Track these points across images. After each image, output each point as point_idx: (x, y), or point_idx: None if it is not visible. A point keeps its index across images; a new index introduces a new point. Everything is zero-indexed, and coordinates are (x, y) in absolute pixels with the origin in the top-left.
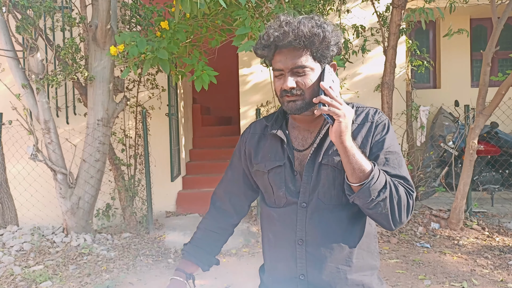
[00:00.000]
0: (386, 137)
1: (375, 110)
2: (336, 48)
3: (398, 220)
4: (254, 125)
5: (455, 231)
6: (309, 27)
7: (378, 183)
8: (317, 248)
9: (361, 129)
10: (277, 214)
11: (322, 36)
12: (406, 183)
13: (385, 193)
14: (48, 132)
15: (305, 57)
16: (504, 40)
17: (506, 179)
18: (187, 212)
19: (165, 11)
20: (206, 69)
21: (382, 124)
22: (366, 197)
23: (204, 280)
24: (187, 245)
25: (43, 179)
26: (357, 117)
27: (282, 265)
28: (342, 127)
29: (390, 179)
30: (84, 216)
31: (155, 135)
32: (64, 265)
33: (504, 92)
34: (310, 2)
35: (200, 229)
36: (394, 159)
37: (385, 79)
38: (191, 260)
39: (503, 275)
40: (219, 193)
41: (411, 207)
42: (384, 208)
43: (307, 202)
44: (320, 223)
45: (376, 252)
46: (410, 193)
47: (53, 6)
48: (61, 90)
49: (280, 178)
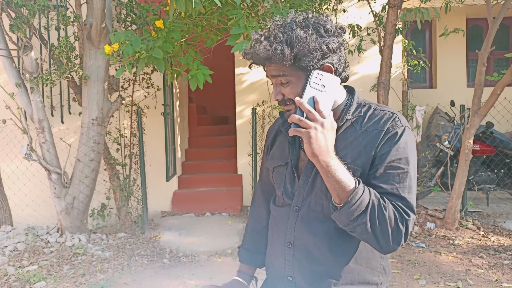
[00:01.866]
0: (392, 149)
1: (391, 116)
2: (318, 53)
3: (385, 246)
4: (276, 121)
5: (451, 231)
6: (264, 47)
7: (356, 207)
8: (303, 254)
9: (367, 137)
10: (275, 213)
11: (280, 54)
12: (403, 204)
13: (364, 218)
14: (42, 131)
15: (281, 69)
16: (499, 40)
17: (501, 179)
18: (182, 212)
19: (160, 10)
20: (201, 68)
21: (393, 134)
22: (343, 220)
23: (199, 280)
24: (240, 249)
25: (37, 179)
26: (367, 122)
27: (275, 263)
28: (311, 148)
29: (379, 200)
30: (78, 216)
31: (150, 135)
32: (59, 265)
33: (499, 92)
34: (306, 2)
35: (247, 232)
36: (395, 175)
37: (381, 79)
38: (246, 263)
39: (498, 275)
40: (257, 192)
41: (404, 233)
42: (365, 233)
43: (299, 207)
44: (308, 231)
45: (380, 268)
46: (404, 217)
47: (47, 5)
48: (56, 89)
49: (281, 178)
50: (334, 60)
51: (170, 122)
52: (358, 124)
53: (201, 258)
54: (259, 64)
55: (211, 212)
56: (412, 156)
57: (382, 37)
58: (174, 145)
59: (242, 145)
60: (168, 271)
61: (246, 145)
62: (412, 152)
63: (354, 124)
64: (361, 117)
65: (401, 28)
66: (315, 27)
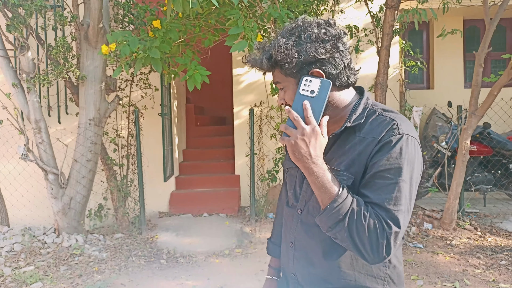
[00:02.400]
0: (383, 158)
1: (390, 122)
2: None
3: (368, 257)
4: None
5: (448, 231)
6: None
7: (335, 214)
8: (302, 255)
9: (362, 144)
10: (285, 212)
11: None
12: (387, 216)
13: (343, 225)
14: (39, 131)
15: (277, 75)
16: (496, 41)
17: (498, 179)
18: (180, 213)
19: (158, 10)
20: (198, 69)
21: (387, 143)
22: (323, 225)
23: (197, 281)
24: (268, 242)
25: (34, 179)
26: (367, 128)
27: (284, 259)
28: (293, 155)
29: (361, 209)
30: (75, 217)
31: (148, 135)
32: (55, 266)
33: (496, 93)
34: (304, 2)
35: (274, 225)
36: (382, 185)
37: (379, 80)
38: (271, 255)
39: (495, 275)
40: (282, 189)
41: (385, 245)
42: (344, 240)
43: (302, 209)
44: (306, 233)
45: (385, 277)
46: (385, 229)
47: (44, 5)
48: (53, 89)
49: (292, 180)
50: (324, 65)
51: (168, 123)
52: (358, 130)
53: (199, 258)
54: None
55: (209, 212)
56: (408, 167)
57: (379, 38)
58: (172, 145)
59: (239, 145)
60: (165, 272)
61: (243, 145)
62: (408, 163)
63: (355, 130)
64: (363, 123)
65: (398, 29)
66: (299, 34)
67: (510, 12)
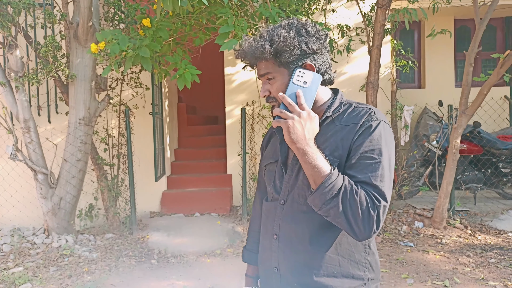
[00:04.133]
0: (365, 141)
1: (367, 111)
2: (297, 50)
3: (359, 231)
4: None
5: (439, 230)
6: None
7: (328, 190)
8: (287, 245)
9: (344, 130)
10: (265, 208)
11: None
12: (375, 192)
13: (337, 201)
14: (28, 131)
15: (267, 66)
16: (486, 41)
17: (488, 178)
18: (171, 212)
19: (148, 9)
20: (189, 68)
21: (367, 126)
22: (317, 203)
23: (188, 281)
24: (244, 250)
25: (23, 179)
26: (346, 118)
27: (264, 256)
28: (289, 136)
29: (352, 186)
30: (65, 217)
31: (139, 135)
32: (45, 267)
33: (486, 92)
34: (295, 1)
35: (249, 232)
36: (368, 164)
37: (370, 79)
38: (247, 262)
39: (484, 273)
40: (256, 193)
41: (375, 218)
42: (337, 216)
43: (285, 200)
44: (292, 222)
45: (365, 263)
46: (375, 203)
47: (33, 3)
48: (43, 88)
49: (271, 175)
50: (316, 60)
51: (159, 122)
52: (337, 120)
53: (190, 258)
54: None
55: (201, 212)
56: (386, 148)
57: (370, 37)
58: (163, 145)
59: (231, 145)
60: (156, 272)
61: (235, 145)
62: (386, 144)
63: (334, 121)
64: (341, 114)
65: (389, 29)
66: (297, 28)
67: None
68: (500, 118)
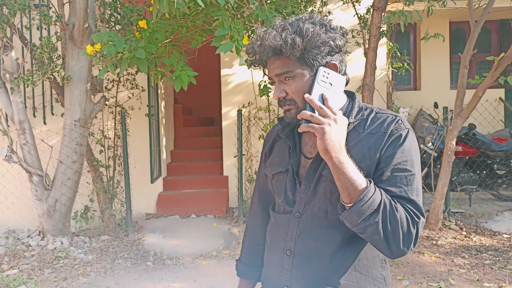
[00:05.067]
0: (397, 151)
1: (394, 118)
2: (326, 47)
3: (396, 249)
4: (274, 127)
5: (434, 231)
6: (273, 37)
7: (368, 206)
8: (303, 262)
9: (370, 140)
10: (275, 220)
11: (291, 43)
12: (413, 207)
13: (376, 217)
14: (23, 132)
15: (287, 64)
16: (481, 43)
17: (483, 179)
18: (167, 214)
19: (145, 10)
20: (185, 70)
21: (397, 136)
22: (354, 220)
23: (184, 283)
24: (238, 262)
25: (18, 181)
26: (370, 125)
27: (271, 272)
28: (324, 144)
29: (390, 201)
30: (61, 219)
31: (134, 136)
32: (40, 269)
33: (481, 94)
34: (291, 3)
35: (244, 244)
36: (403, 177)
37: (366, 81)
38: (243, 277)
39: (479, 275)
40: (253, 201)
41: (414, 236)
42: (375, 234)
43: (301, 213)
44: (311, 237)
45: (381, 278)
46: (415, 219)
47: (28, 4)
48: (38, 89)
49: (281, 185)
50: (338, 59)
51: (155, 123)
52: (360, 128)
53: (186, 260)
54: (259, 65)
55: (197, 214)
56: (417, 159)
57: (366, 40)
58: (159, 146)
59: (228, 146)
60: (152, 274)
61: (232, 146)
62: (416, 155)
63: (356, 128)
64: (364, 120)
65: (385, 31)
66: (321, 24)
67: (494, 15)
68: (495, 120)
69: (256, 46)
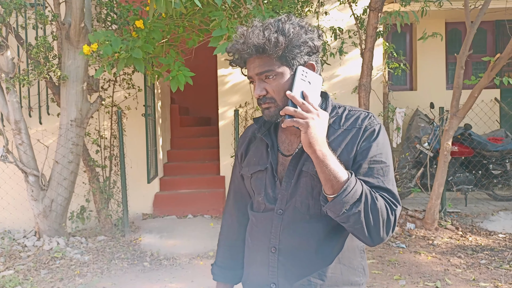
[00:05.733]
0: (372, 145)
1: (367, 115)
2: (305, 48)
3: (376, 236)
4: (248, 128)
5: (430, 231)
6: (256, 35)
7: (350, 196)
8: (289, 258)
9: (347, 135)
10: (256, 219)
11: (275, 41)
12: (390, 196)
13: (359, 207)
14: (19, 132)
15: (268, 63)
16: (477, 44)
17: (479, 179)
18: (164, 214)
19: (141, 10)
20: (182, 70)
21: (371, 131)
22: (337, 210)
23: (180, 283)
24: (214, 266)
25: (14, 181)
26: (345, 122)
27: (255, 271)
28: (309, 138)
29: (370, 191)
30: (57, 219)
31: (131, 136)
32: (36, 270)
33: (477, 94)
34: (288, 4)
35: (219, 247)
36: (379, 168)
37: (362, 81)
38: (220, 281)
39: (475, 274)
40: (228, 203)
41: (393, 222)
42: (358, 223)
43: (283, 210)
44: (294, 232)
45: (361, 268)
46: (392, 207)
47: (24, 3)
48: (34, 89)
49: (261, 183)
50: (315, 60)
51: (152, 123)
52: (336, 124)
53: (183, 261)
54: (239, 64)
55: (193, 214)
56: (389, 151)
57: (363, 40)
58: (156, 146)
59: (224, 146)
60: (149, 275)
61: (228, 146)
62: (388, 148)
63: (332, 125)
64: (339, 118)
65: (382, 31)
66: (300, 25)
67: (490, 16)
68: (491, 120)
69: (239, 44)
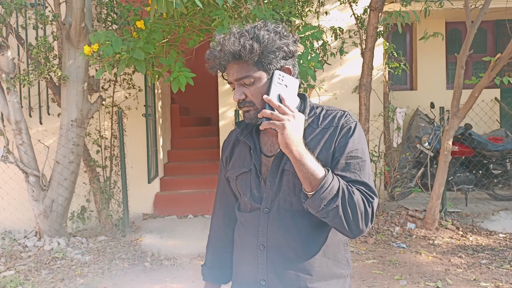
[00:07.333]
0: (349, 141)
1: (343, 113)
2: (281, 53)
3: (355, 229)
4: (231, 132)
5: (431, 231)
6: (232, 43)
7: (328, 192)
8: (277, 254)
9: (324, 134)
10: (243, 219)
11: (249, 48)
12: (367, 189)
13: (336, 202)
14: (19, 133)
15: (245, 69)
16: (478, 44)
17: (479, 179)
18: (164, 214)
19: (142, 10)
20: (183, 71)
21: (347, 128)
22: (316, 206)
23: (181, 283)
24: (203, 267)
25: (14, 182)
26: (323, 121)
27: (245, 269)
28: (285, 139)
29: (346, 186)
30: (57, 219)
31: (131, 136)
32: (37, 270)
33: (477, 94)
34: (289, 3)
35: (208, 249)
36: (355, 164)
37: (363, 81)
38: (209, 281)
39: (476, 274)
40: (216, 206)
41: (370, 214)
42: (336, 217)
43: (269, 208)
44: (280, 229)
45: (345, 260)
46: (369, 199)
47: (25, 3)
48: (35, 89)
49: (246, 184)
50: (291, 64)
51: (152, 123)
52: (314, 124)
53: (183, 261)
54: (219, 70)
55: (194, 214)
56: (365, 147)
57: (363, 40)
58: (156, 146)
59: None
60: (150, 275)
61: None
62: (365, 143)
63: (311, 124)
64: (316, 117)
65: (382, 31)
66: (275, 31)
67: (491, 15)
68: (491, 120)
69: (217, 52)
